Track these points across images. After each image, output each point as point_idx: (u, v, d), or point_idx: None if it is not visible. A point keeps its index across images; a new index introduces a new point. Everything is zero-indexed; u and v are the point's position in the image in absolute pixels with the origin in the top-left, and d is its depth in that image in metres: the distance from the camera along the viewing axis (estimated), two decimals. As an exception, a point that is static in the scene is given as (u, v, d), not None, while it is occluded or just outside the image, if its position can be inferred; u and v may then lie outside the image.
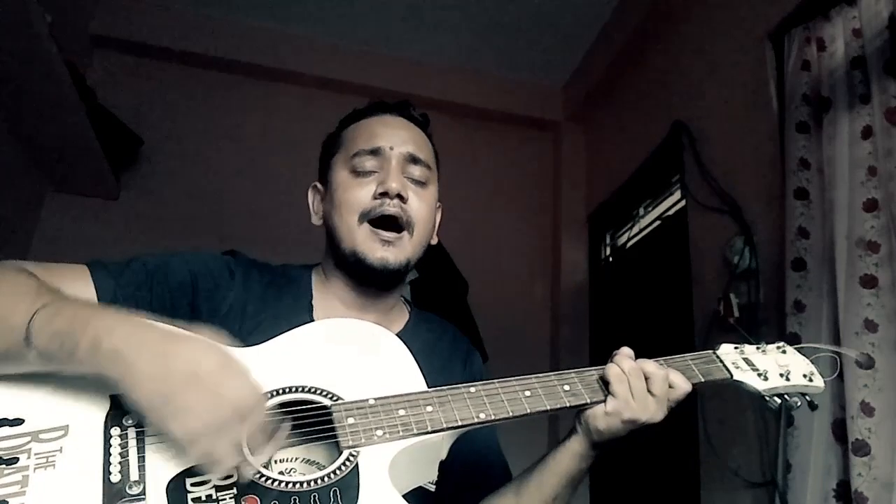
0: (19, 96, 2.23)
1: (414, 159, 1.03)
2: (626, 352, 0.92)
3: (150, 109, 2.94)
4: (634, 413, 0.88)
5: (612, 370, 0.89)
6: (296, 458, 0.83)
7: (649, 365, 0.90)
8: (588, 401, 0.88)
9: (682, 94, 2.49)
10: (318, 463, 0.83)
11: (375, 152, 1.02)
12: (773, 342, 1.03)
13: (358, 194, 1.00)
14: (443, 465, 0.91)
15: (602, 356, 0.95)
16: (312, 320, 0.98)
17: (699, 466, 2.04)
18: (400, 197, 0.99)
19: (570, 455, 0.93)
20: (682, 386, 0.91)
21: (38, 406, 0.74)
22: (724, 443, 1.93)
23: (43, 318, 0.72)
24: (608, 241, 3.17)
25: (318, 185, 1.10)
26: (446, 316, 1.23)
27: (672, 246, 2.47)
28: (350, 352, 0.88)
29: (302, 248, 1.18)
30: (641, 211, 2.90)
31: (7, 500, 0.66)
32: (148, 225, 2.77)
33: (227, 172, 2.98)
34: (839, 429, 1.49)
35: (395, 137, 1.04)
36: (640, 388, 0.88)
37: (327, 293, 1.05)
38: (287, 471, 0.82)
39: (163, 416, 0.68)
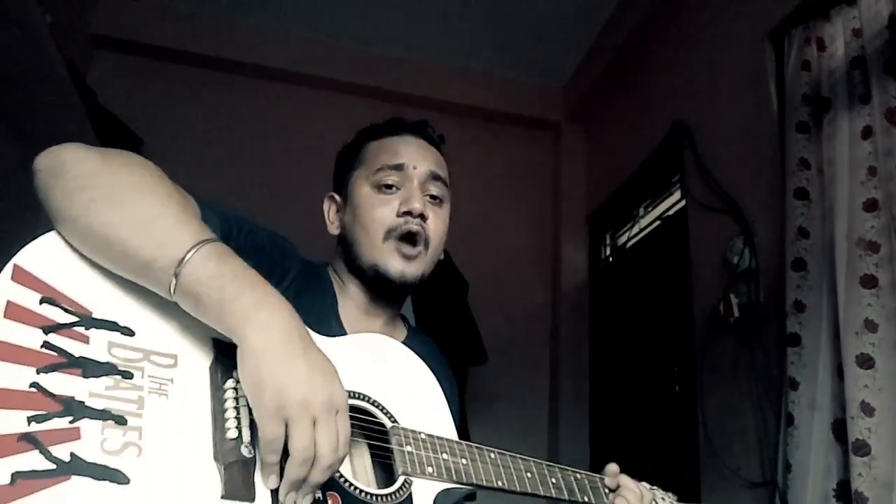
0: (19, 96, 2.23)
1: (434, 176, 1.08)
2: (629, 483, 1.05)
3: (150, 109, 2.93)
4: None
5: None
6: None
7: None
8: (566, 498, 0.97)
9: (682, 94, 2.49)
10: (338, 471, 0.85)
11: (398, 168, 1.05)
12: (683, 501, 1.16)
13: (383, 212, 1.03)
14: None
15: (602, 356, 0.98)
16: (339, 320, 1.02)
17: (699, 466, 2.04)
18: (421, 216, 1.03)
19: None
20: None
21: (147, 323, 0.70)
22: (724, 443, 1.93)
23: (207, 254, 0.69)
24: (608, 241, 3.17)
25: (336, 196, 1.12)
26: (446, 316, 1.24)
27: (672, 246, 2.47)
28: (396, 373, 0.93)
29: (302, 247, 1.18)
30: (641, 211, 2.90)
31: (126, 417, 0.63)
32: (148, 225, 2.77)
33: (226, 172, 2.97)
34: (839, 429, 1.50)
35: (417, 156, 1.07)
36: None
37: (344, 295, 1.08)
38: None
39: (266, 410, 0.65)
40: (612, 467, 1.04)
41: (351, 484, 0.76)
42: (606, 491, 1.02)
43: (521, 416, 2.98)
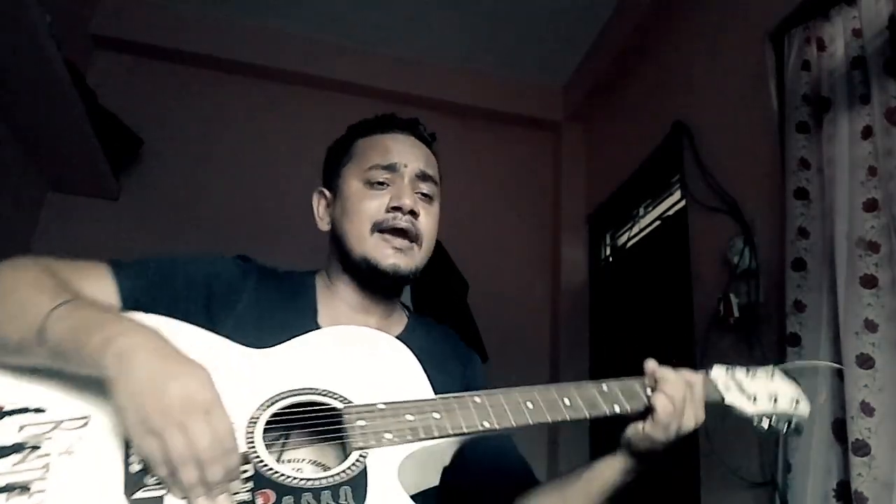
0: (19, 96, 2.23)
1: (424, 176, 1.08)
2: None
3: (150, 109, 2.93)
4: (683, 422, 0.94)
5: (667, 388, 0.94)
6: (303, 459, 0.85)
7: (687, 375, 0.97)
8: (587, 415, 0.91)
9: (682, 94, 2.48)
10: (324, 465, 0.84)
11: (390, 168, 1.06)
12: (762, 366, 1.05)
13: (371, 205, 1.04)
14: (463, 469, 0.94)
15: (602, 356, 0.97)
16: (318, 326, 1.01)
17: (699, 466, 2.04)
18: (412, 212, 1.04)
19: (615, 469, 0.99)
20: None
21: (59, 396, 0.76)
22: (724, 443, 1.93)
23: (60, 313, 0.74)
24: (608, 241, 3.17)
25: (325, 192, 1.12)
26: (446, 316, 1.24)
27: (672, 246, 2.47)
28: (359, 358, 0.91)
29: (302, 248, 1.19)
30: (641, 211, 2.90)
31: (29, 484, 0.68)
32: (148, 225, 2.77)
33: (227, 172, 2.98)
34: (839, 429, 1.49)
35: (409, 155, 1.08)
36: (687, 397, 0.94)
37: (332, 297, 1.08)
38: (296, 470, 0.83)
39: (135, 429, 0.69)
40: (650, 364, 0.98)
41: (287, 476, 0.75)
42: (648, 393, 0.95)
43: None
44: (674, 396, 0.93)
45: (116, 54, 3.00)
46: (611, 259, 3.13)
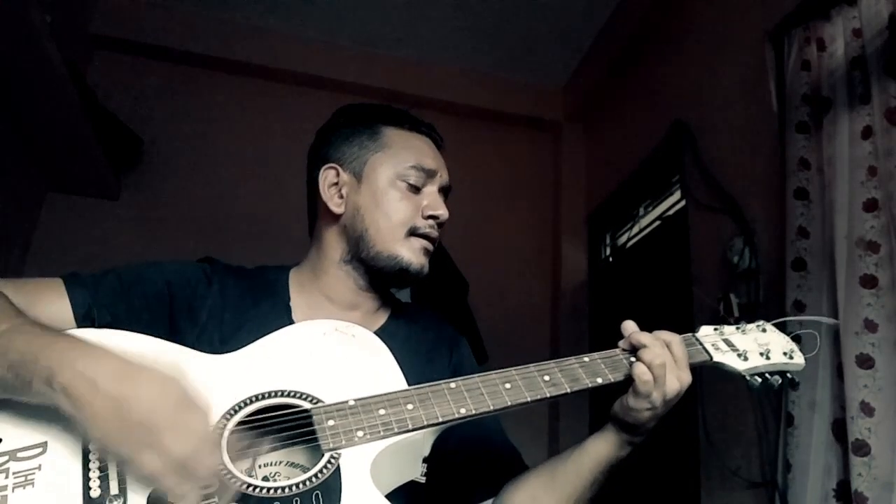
0: (19, 96, 2.23)
1: (447, 189, 1.10)
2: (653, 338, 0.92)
3: (150, 109, 2.93)
4: (666, 389, 0.86)
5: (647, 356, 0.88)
6: (279, 462, 0.83)
7: (664, 335, 0.92)
8: (568, 390, 0.88)
9: (682, 94, 2.49)
10: (301, 465, 0.83)
11: (429, 173, 1.06)
12: (753, 321, 1.02)
13: (408, 208, 1.04)
14: (448, 457, 0.93)
15: None
16: (292, 322, 0.98)
17: (699, 466, 2.04)
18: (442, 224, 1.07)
19: (607, 445, 0.94)
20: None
21: (14, 424, 0.74)
22: (724, 443, 1.93)
23: None
24: (608, 241, 3.17)
25: (339, 170, 1.06)
26: (446, 315, 1.23)
27: (672, 246, 2.47)
28: (330, 353, 0.89)
29: (303, 247, 1.18)
30: (641, 211, 2.90)
31: None
32: (148, 225, 2.77)
33: (227, 172, 2.98)
34: (839, 429, 1.49)
35: (441, 163, 1.10)
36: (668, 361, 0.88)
37: (310, 292, 1.05)
38: (272, 475, 0.82)
39: (120, 457, 0.69)
40: (627, 326, 0.95)
41: (256, 487, 0.73)
42: (632, 360, 0.91)
43: (520, 416, 2.97)
44: (652, 363, 0.87)
45: (116, 54, 3.00)
46: (611, 259, 3.13)
